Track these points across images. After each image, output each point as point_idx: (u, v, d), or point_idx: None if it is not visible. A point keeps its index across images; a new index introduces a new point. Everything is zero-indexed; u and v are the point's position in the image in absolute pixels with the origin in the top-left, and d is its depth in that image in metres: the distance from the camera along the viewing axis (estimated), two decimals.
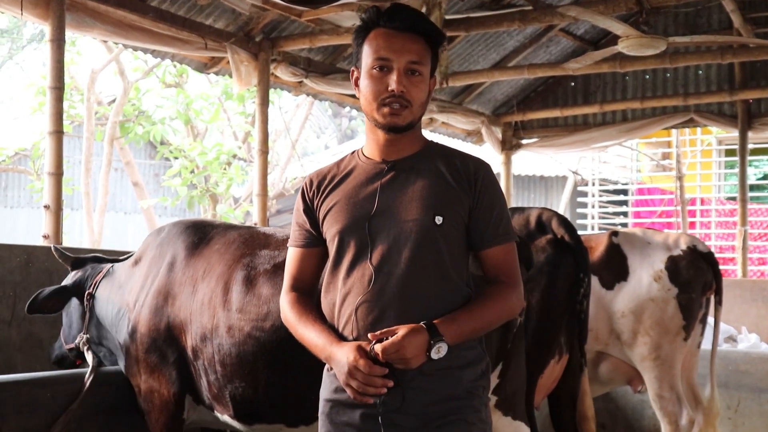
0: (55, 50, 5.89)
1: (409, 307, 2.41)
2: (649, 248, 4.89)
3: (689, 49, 8.87)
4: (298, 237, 2.64)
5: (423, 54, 2.51)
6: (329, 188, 2.58)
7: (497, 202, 2.55)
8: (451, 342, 2.38)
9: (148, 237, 4.07)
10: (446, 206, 2.47)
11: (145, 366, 3.72)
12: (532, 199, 17.65)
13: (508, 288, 2.53)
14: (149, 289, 3.77)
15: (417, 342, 2.33)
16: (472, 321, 2.43)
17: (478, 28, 7.71)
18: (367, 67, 2.51)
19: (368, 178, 2.54)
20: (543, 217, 4.15)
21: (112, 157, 13.21)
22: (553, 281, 3.96)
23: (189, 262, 3.73)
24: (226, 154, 13.24)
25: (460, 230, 2.50)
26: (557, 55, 10.38)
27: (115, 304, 3.95)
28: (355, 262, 2.47)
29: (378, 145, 2.56)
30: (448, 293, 2.46)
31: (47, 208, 5.77)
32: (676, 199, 13.24)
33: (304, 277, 2.63)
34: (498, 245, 2.54)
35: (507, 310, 2.53)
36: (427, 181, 2.50)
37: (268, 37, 7.78)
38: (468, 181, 2.52)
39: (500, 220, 2.54)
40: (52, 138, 5.86)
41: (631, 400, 6.04)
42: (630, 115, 10.60)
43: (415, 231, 2.44)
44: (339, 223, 2.51)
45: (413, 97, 2.49)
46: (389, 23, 2.51)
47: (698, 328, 4.89)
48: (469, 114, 10.49)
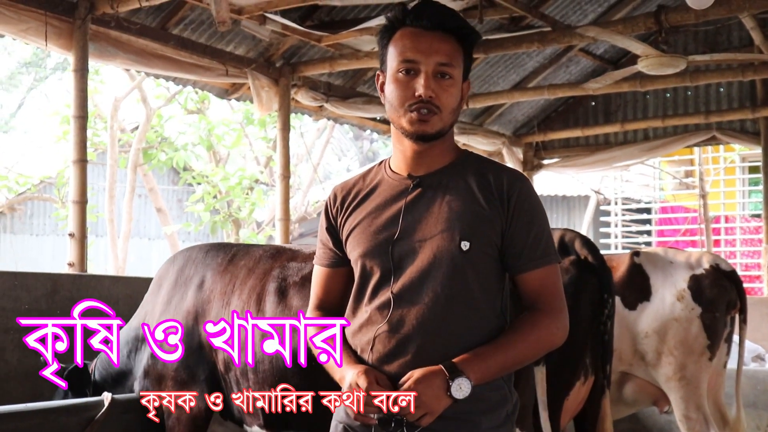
0: (78, 80, 5.97)
1: (430, 341, 2.21)
2: (672, 267, 4.86)
3: (710, 67, 8.84)
4: (322, 256, 2.48)
5: (453, 54, 2.28)
6: (353, 205, 2.39)
7: (536, 220, 2.30)
8: (477, 380, 2.16)
9: (162, 267, 4.13)
10: (474, 229, 2.24)
11: (173, 383, 3.77)
12: (555, 219, 17.59)
13: (546, 317, 2.28)
14: (176, 312, 3.83)
15: (434, 385, 2.13)
16: (499, 356, 2.21)
17: (497, 50, 7.73)
18: (392, 71, 2.29)
19: (393, 195, 2.34)
20: (566, 238, 4.14)
21: (135, 184, 13.30)
22: (577, 302, 3.94)
23: (216, 280, 3.81)
24: (249, 179, 13.31)
25: (491, 255, 2.27)
26: (577, 75, 10.37)
27: (131, 329, 4.01)
28: (377, 288, 2.29)
29: (405, 157, 2.34)
30: (476, 326, 2.24)
31: (72, 236, 5.83)
32: (699, 217, 13.16)
33: (329, 297, 2.49)
34: (536, 268, 2.28)
35: (545, 342, 2.29)
36: (454, 200, 2.27)
37: (288, 62, 7.84)
38: (500, 198, 2.27)
39: (539, 241, 2.29)
40: (76, 166, 5.93)
41: (658, 420, 5.98)
42: (652, 134, 10.56)
43: (439, 258, 2.24)
44: (361, 246, 2.33)
45: (443, 103, 2.26)
46: (416, 21, 2.28)
47: (723, 348, 4.84)
48: (489, 135, 10.49)
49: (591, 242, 4.13)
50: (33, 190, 15.11)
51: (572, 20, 8.88)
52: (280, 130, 7.91)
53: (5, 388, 4.72)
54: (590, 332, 3.99)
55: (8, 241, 17.63)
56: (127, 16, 6.35)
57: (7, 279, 4.97)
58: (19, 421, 3.55)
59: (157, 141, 13.44)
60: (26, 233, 18.73)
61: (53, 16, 5.87)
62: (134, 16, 6.50)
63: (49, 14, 5.83)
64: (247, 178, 13.27)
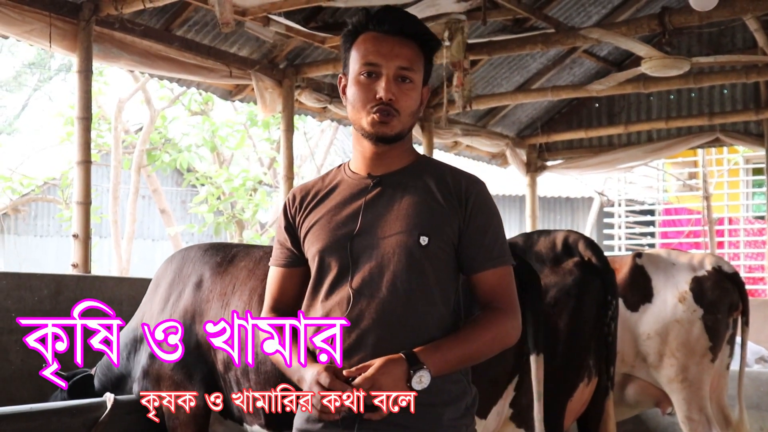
0: (82, 81, 5.98)
1: (389, 334, 2.24)
2: (674, 269, 4.86)
3: (714, 69, 8.83)
4: (279, 256, 2.49)
5: (414, 59, 2.33)
6: (312, 204, 2.43)
7: (491, 223, 2.35)
8: (435, 372, 2.19)
9: (161, 267, 4.14)
10: (433, 226, 2.29)
11: (171, 383, 3.77)
12: (558, 220, 17.59)
13: (502, 315, 2.32)
14: (173, 311, 3.83)
15: (394, 373, 2.16)
16: (458, 349, 2.24)
17: (500, 51, 7.73)
18: (354, 73, 2.34)
19: (352, 194, 2.38)
20: (569, 239, 4.14)
21: (139, 185, 13.32)
22: (580, 304, 3.94)
23: (215, 280, 3.81)
24: (252, 180, 13.32)
25: (448, 252, 2.32)
26: (581, 76, 10.37)
27: (130, 330, 4.02)
28: (335, 283, 2.31)
29: (364, 158, 2.39)
30: (434, 320, 2.28)
31: (76, 237, 5.84)
32: (703, 219, 13.14)
33: (284, 297, 2.50)
34: (492, 269, 2.34)
35: (500, 339, 2.32)
36: (414, 198, 2.33)
37: (292, 63, 7.85)
38: (458, 199, 2.33)
39: (495, 242, 2.35)
40: (80, 168, 5.94)
41: (661, 422, 5.98)
42: (655, 136, 10.55)
43: (399, 253, 2.27)
44: (320, 242, 2.35)
45: (402, 106, 2.31)
46: (378, 26, 2.34)
47: (726, 350, 4.84)
48: (493, 137, 10.49)
49: (595, 244, 4.14)
50: (37, 192, 15.13)
51: (576, 22, 8.88)
52: (284, 132, 7.92)
53: (9, 389, 4.73)
54: (594, 334, 3.99)
55: (12, 243, 17.66)
56: (131, 18, 6.36)
57: (11, 280, 4.97)
58: (23, 422, 3.56)
59: (160, 142, 13.46)
60: (30, 234, 18.76)
61: (57, 18, 5.88)
62: (138, 18, 6.51)
63: (54, 16, 5.85)
64: (251, 180, 13.28)
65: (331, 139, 15.64)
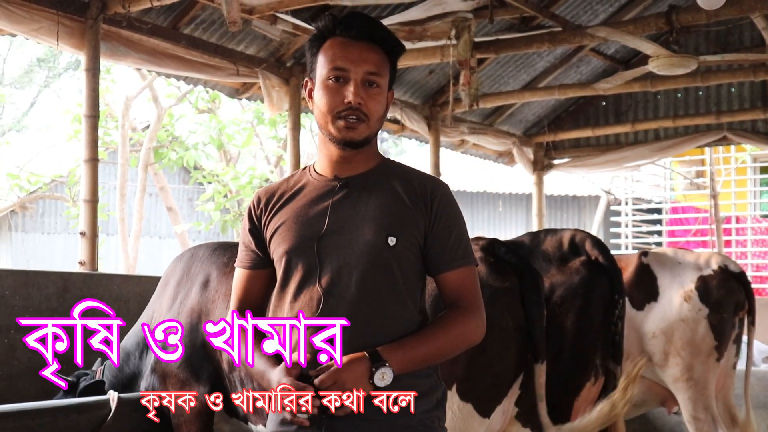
0: (90, 79, 5.99)
1: (359, 332, 2.26)
2: (680, 268, 4.85)
3: (721, 67, 8.81)
4: (245, 258, 2.50)
5: (381, 65, 2.36)
6: (277, 206, 2.44)
7: (455, 224, 2.40)
8: (398, 370, 2.22)
9: (170, 265, 4.16)
10: (400, 227, 2.33)
11: (176, 380, 3.80)
12: (565, 219, 17.57)
13: (466, 313, 2.36)
14: (180, 309, 3.86)
15: (357, 371, 2.19)
16: (421, 347, 2.29)
17: (507, 49, 7.73)
18: (322, 78, 2.35)
19: (319, 195, 2.40)
20: (576, 238, 4.14)
21: (146, 183, 13.34)
22: (587, 303, 3.94)
23: (221, 280, 3.83)
24: (259, 178, 13.34)
25: (414, 252, 2.35)
26: (588, 75, 10.36)
27: (138, 331, 4.06)
28: (303, 284, 2.33)
29: (330, 161, 2.42)
30: (402, 319, 2.32)
31: (83, 234, 5.85)
32: (710, 217, 13.13)
33: (250, 299, 2.50)
34: (456, 269, 2.38)
35: (464, 337, 2.36)
36: (380, 200, 2.36)
37: (299, 62, 7.85)
38: (424, 201, 2.37)
39: (459, 243, 2.39)
40: (87, 166, 5.95)
41: (668, 421, 5.97)
42: (662, 134, 10.53)
43: (367, 252, 2.30)
44: (286, 243, 2.37)
45: (371, 111, 2.34)
46: (345, 31, 2.36)
47: (732, 349, 4.83)
48: (500, 135, 10.49)
49: (601, 243, 4.13)
50: (44, 189, 15.18)
51: (583, 20, 8.87)
52: (291, 130, 7.93)
53: (17, 386, 4.74)
54: (601, 333, 3.99)
55: (20, 240, 17.70)
56: (138, 16, 6.37)
57: (19, 277, 4.99)
58: (31, 419, 3.57)
59: (168, 140, 13.49)
60: (37, 232, 18.81)
61: (65, 16, 5.89)
62: (145, 16, 6.52)
63: (61, 14, 5.86)
64: (258, 178, 13.30)
65: None
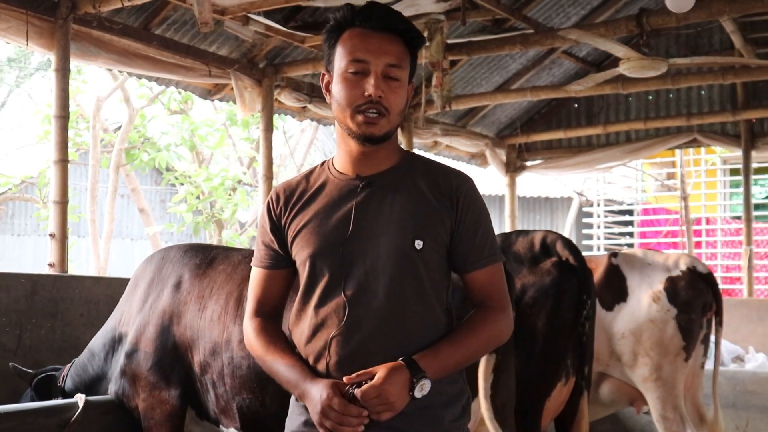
0: (60, 79, 5.94)
1: (389, 341, 2.20)
2: (649, 269, 4.89)
3: (691, 70, 8.90)
4: (264, 257, 2.40)
5: (402, 57, 2.27)
6: (298, 206, 2.35)
7: (482, 221, 2.32)
8: (434, 377, 2.18)
9: (139, 267, 4.12)
10: (426, 229, 2.25)
11: (146, 383, 3.77)
12: (538, 220, 17.65)
13: (495, 313, 2.31)
14: (151, 311, 3.83)
15: (399, 382, 2.13)
16: (456, 353, 2.23)
17: (480, 51, 7.75)
18: (340, 70, 2.26)
19: (341, 196, 2.30)
20: (547, 239, 4.17)
21: (118, 184, 13.26)
22: (558, 304, 3.97)
23: (194, 282, 3.80)
24: (232, 179, 13.29)
25: (441, 254, 2.29)
26: (560, 77, 10.41)
27: (108, 330, 4.02)
28: (328, 290, 2.25)
29: (351, 158, 2.32)
30: (430, 323, 2.26)
31: (53, 236, 5.80)
32: (681, 219, 13.24)
33: (270, 300, 2.42)
34: (484, 267, 2.31)
35: (495, 338, 2.31)
36: (405, 200, 2.27)
37: (271, 63, 7.83)
38: (450, 199, 2.29)
39: (485, 240, 2.32)
40: (57, 167, 5.90)
41: (639, 421, 6.02)
42: (634, 136, 10.61)
43: (393, 257, 2.23)
44: (310, 246, 2.28)
45: (391, 104, 2.24)
46: (365, 22, 2.26)
47: (700, 349, 4.88)
48: (472, 137, 10.52)
49: (572, 243, 4.16)
50: (14, 190, 15.03)
51: (555, 23, 8.92)
52: (263, 131, 7.90)
53: None
54: (572, 333, 4.02)
55: None
56: (109, 16, 6.32)
57: None
58: None
59: (139, 141, 13.40)
60: (7, 233, 18.63)
61: (34, 16, 5.83)
62: (116, 16, 6.47)
63: (30, 13, 5.79)
64: (230, 179, 13.25)
65: (311, 139, 15.62)
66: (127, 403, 3.86)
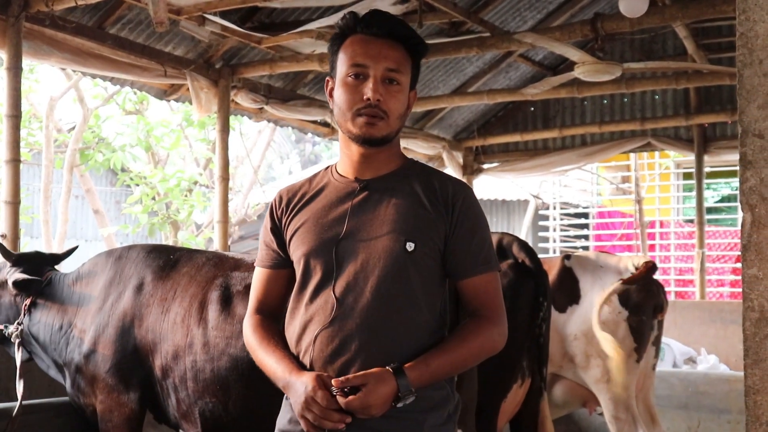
0: (11, 78, 5.85)
1: (372, 339, 2.23)
2: (601, 271, 4.94)
3: (645, 75, 9.00)
4: (265, 257, 2.47)
5: (402, 62, 2.33)
6: (298, 206, 2.41)
7: (478, 229, 2.35)
8: (422, 386, 2.20)
9: (98, 258, 4.04)
10: (419, 231, 2.28)
11: (105, 385, 3.71)
12: (495, 223, 17.74)
13: (489, 323, 2.32)
14: (111, 312, 3.76)
15: (384, 395, 2.16)
16: (446, 363, 2.25)
17: (437, 54, 7.77)
18: (341, 75, 2.32)
19: (339, 197, 2.37)
20: (504, 241, 4.19)
21: (72, 185, 13.08)
22: (514, 306, 3.99)
23: (157, 285, 3.75)
24: (188, 180, 13.18)
25: (434, 258, 2.30)
26: (516, 80, 10.48)
27: (55, 320, 3.95)
28: (319, 287, 2.30)
29: (352, 162, 2.38)
30: (418, 326, 2.27)
31: (4, 237, 5.72)
32: (635, 222, 13.39)
33: (269, 299, 2.48)
34: (478, 275, 2.33)
35: (487, 349, 2.32)
36: (400, 203, 2.31)
37: (227, 64, 7.78)
38: (445, 205, 2.32)
39: (481, 248, 2.34)
40: (8, 166, 5.81)
41: (593, 422, 6.07)
42: (589, 140, 10.71)
43: (384, 257, 2.26)
44: (305, 245, 2.34)
45: (390, 108, 2.30)
46: (366, 29, 2.33)
47: (651, 350, 4.94)
48: (430, 139, 10.55)
49: (528, 246, 4.19)
50: None
51: (512, 26, 8.97)
52: (220, 132, 7.84)
53: None
54: (528, 335, 4.04)
55: None
56: (62, 15, 6.23)
57: None
58: None
59: (94, 141, 13.24)
60: None
61: None
62: (70, 15, 6.38)
63: None
64: (186, 180, 13.14)
65: (268, 140, 15.54)
66: (83, 400, 3.80)
